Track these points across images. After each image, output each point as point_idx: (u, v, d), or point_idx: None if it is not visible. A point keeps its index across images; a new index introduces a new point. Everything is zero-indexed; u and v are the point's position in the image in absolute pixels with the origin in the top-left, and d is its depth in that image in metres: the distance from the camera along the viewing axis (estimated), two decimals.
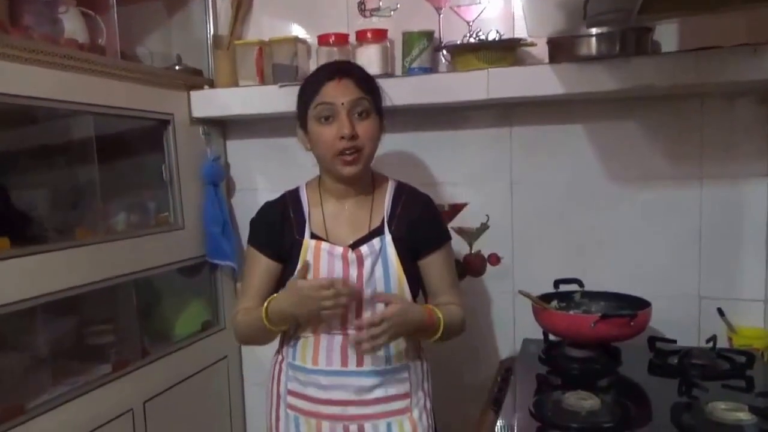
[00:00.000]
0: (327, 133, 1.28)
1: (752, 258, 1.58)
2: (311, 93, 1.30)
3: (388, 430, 1.34)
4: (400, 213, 1.37)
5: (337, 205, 1.38)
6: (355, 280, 1.30)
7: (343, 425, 1.33)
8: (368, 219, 1.36)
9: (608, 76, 1.45)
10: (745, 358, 1.36)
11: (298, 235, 1.34)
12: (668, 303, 1.56)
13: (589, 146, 1.68)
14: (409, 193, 1.41)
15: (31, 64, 1.32)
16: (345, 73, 1.31)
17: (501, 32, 1.65)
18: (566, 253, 1.71)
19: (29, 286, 1.30)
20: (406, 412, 1.35)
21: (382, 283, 1.31)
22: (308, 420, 1.35)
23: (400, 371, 1.35)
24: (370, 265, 1.31)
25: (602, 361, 1.44)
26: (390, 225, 1.35)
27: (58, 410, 1.35)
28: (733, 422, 1.06)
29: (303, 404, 1.36)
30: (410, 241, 1.35)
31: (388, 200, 1.38)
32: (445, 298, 1.38)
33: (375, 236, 1.33)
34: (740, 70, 1.37)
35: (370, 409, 1.33)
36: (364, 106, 1.29)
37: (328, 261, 1.31)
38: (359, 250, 1.31)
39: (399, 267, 1.32)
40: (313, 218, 1.37)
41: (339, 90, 1.28)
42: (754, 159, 1.56)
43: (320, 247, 1.32)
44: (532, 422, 1.14)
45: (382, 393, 1.33)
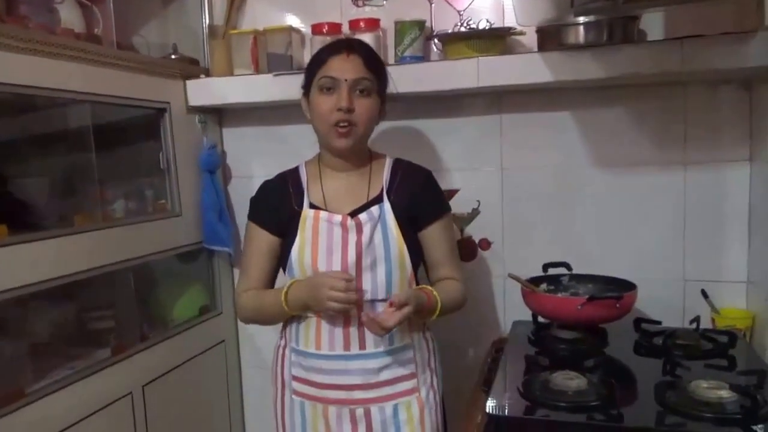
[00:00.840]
0: (325, 103, 1.28)
1: (735, 241, 1.60)
2: (318, 63, 1.31)
3: (395, 412, 1.32)
4: (399, 184, 1.37)
5: (335, 178, 1.37)
6: (355, 247, 1.29)
7: (350, 409, 1.31)
8: (367, 189, 1.36)
9: (595, 64, 1.46)
10: (727, 338, 1.38)
11: (297, 206, 1.34)
12: (653, 285, 1.57)
13: (577, 133, 1.69)
14: (408, 166, 1.41)
15: (27, 53, 1.31)
16: (354, 49, 1.31)
17: (491, 21, 1.66)
18: (555, 238, 1.72)
19: (28, 272, 1.29)
20: (414, 393, 1.34)
21: (381, 248, 1.30)
22: (314, 405, 1.34)
23: (405, 351, 1.33)
24: (369, 231, 1.30)
25: (589, 342, 1.45)
26: (389, 194, 1.35)
27: (57, 394, 1.34)
28: (715, 400, 1.07)
29: (308, 390, 1.34)
30: (410, 211, 1.34)
31: (387, 172, 1.38)
32: (444, 271, 1.38)
33: (374, 204, 1.33)
34: (723, 58, 1.38)
35: (377, 392, 1.31)
36: (366, 85, 1.29)
37: (327, 229, 1.30)
38: (358, 218, 1.31)
39: (399, 234, 1.31)
40: (312, 190, 1.37)
41: (346, 65, 1.28)
42: (736, 144, 1.58)
43: (319, 217, 1.32)
44: (521, 401, 1.15)
45: (389, 375, 1.32)
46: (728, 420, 1.03)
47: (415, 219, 1.35)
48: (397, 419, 1.32)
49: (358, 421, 1.32)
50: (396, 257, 1.30)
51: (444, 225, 1.39)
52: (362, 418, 1.31)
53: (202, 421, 1.87)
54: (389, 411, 1.32)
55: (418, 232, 1.37)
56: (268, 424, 2.01)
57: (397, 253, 1.30)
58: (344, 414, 1.32)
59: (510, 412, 1.12)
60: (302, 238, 1.32)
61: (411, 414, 1.32)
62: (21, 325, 1.44)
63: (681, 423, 1.04)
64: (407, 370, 1.33)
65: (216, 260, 1.94)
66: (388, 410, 1.32)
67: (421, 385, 1.35)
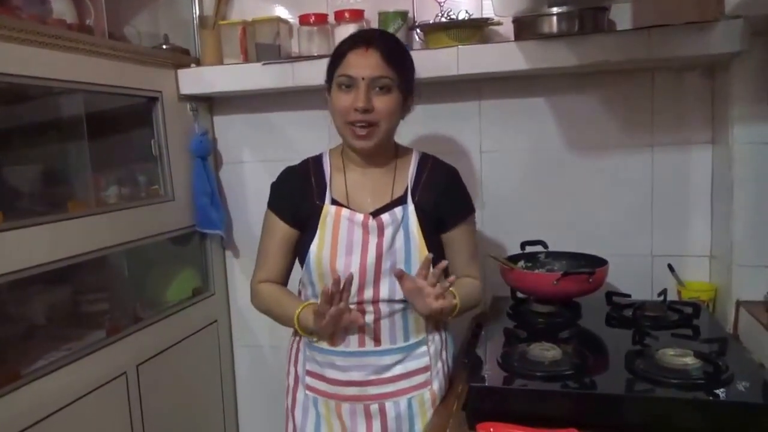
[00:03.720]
0: (343, 100, 1.20)
1: (699, 218, 1.63)
2: (337, 59, 1.22)
3: (409, 406, 1.26)
4: (425, 182, 1.28)
5: (359, 173, 1.28)
6: (375, 249, 1.21)
7: (364, 405, 1.25)
8: (391, 187, 1.27)
9: (568, 53, 1.46)
10: (692, 309, 1.39)
11: (318, 200, 1.26)
12: (624, 261, 1.59)
13: (551, 118, 1.70)
14: (435, 162, 1.32)
15: (20, 43, 1.28)
16: (372, 43, 1.20)
17: (470, 12, 1.66)
18: (532, 217, 1.73)
19: (22, 257, 1.26)
20: (427, 386, 1.27)
21: (402, 253, 1.22)
22: (327, 402, 1.28)
23: (419, 345, 1.27)
24: (391, 235, 1.22)
25: (564, 315, 1.46)
26: (414, 194, 1.26)
27: (53, 375, 1.32)
28: (680, 366, 1.09)
29: (322, 386, 1.28)
30: (435, 213, 1.26)
31: (413, 169, 1.29)
32: (465, 271, 1.31)
33: (397, 205, 1.25)
34: (688, 46, 1.40)
35: (391, 387, 1.25)
36: (384, 83, 1.19)
37: (348, 228, 1.23)
38: (380, 218, 1.23)
39: (421, 238, 1.23)
40: (335, 184, 1.28)
41: (363, 61, 1.18)
42: (699, 128, 1.60)
43: (340, 214, 1.23)
44: (500, 372, 1.15)
45: (402, 369, 1.25)
46: (693, 385, 1.04)
47: (439, 220, 1.28)
48: (411, 412, 1.27)
49: (373, 417, 1.26)
50: (417, 263, 1.21)
51: (469, 226, 1.33)
52: (377, 414, 1.26)
53: (195, 399, 1.86)
54: (403, 405, 1.26)
55: (442, 234, 1.29)
56: (260, 402, 2.02)
57: (418, 258, 1.22)
58: (359, 410, 1.25)
59: (489, 382, 1.12)
60: (322, 236, 1.23)
61: (424, 407, 1.27)
62: (16, 308, 1.43)
63: (649, 389, 1.05)
64: (420, 363, 1.27)
65: (208, 243, 1.93)
66: (402, 404, 1.26)
67: (434, 378, 1.29)
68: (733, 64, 1.42)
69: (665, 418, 1.00)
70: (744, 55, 1.38)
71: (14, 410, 1.22)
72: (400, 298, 1.22)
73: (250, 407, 2.06)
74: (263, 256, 1.32)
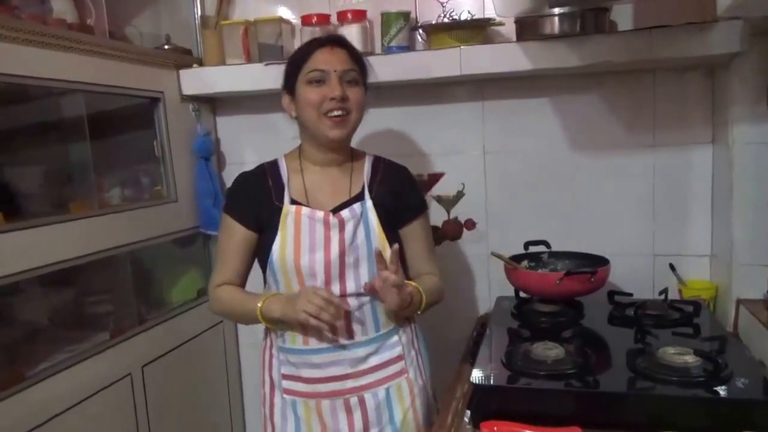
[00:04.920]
0: (316, 93, 1.24)
1: (700, 218, 1.65)
2: (303, 58, 1.27)
3: (387, 396, 1.31)
4: (380, 180, 1.34)
5: (317, 172, 1.33)
6: (338, 245, 1.25)
7: (344, 399, 1.29)
8: (348, 186, 1.32)
9: (570, 53, 1.48)
10: (692, 307, 1.41)
11: (278, 201, 1.29)
12: (625, 260, 1.62)
13: (554, 118, 1.72)
14: (387, 164, 1.39)
15: (20, 43, 1.29)
16: (338, 43, 1.29)
17: (472, 12, 1.67)
18: (535, 217, 1.76)
19: (25, 259, 1.27)
20: (403, 374, 1.33)
21: (364, 248, 1.26)
22: (306, 402, 1.30)
23: (390, 335, 1.32)
24: (352, 229, 1.27)
25: (567, 315, 1.48)
26: (371, 190, 1.32)
27: (57, 377, 1.34)
28: (681, 364, 1.11)
29: (299, 386, 1.31)
30: (391, 209, 1.31)
31: (368, 169, 1.35)
32: (424, 267, 1.37)
33: (356, 201, 1.30)
34: (688, 46, 1.42)
35: (368, 378, 1.29)
36: (353, 76, 1.27)
37: (309, 226, 1.26)
38: (340, 215, 1.27)
39: (381, 232, 1.28)
40: (293, 185, 1.31)
41: (332, 57, 1.25)
42: (700, 128, 1.62)
43: (300, 212, 1.27)
44: (504, 371, 1.17)
45: (377, 360, 1.30)
46: (693, 383, 1.06)
47: (395, 216, 1.33)
48: (389, 401, 1.31)
49: (353, 410, 1.30)
50: None
51: (423, 222, 1.39)
52: (357, 406, 1.30)
53: (201, 400, 1.87)
54: (382, 395, 1.30)
55: (399, 229, 1.34)
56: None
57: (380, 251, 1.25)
58: (338, 405, 1.29)
59: (493, 381, 1.14)
60: (284, 235, 1.26)
61: (402, 395, 1.32)
62: (20, 310, 1.43)
63: (650, 387, 1.07)
64: (394, 353, 1.32)
65: (212, 244, 1.93)
66: (380, 394, 1.30)
67: (409, 366, 1.34)
68: (733, 65, 1.44)
69: (666, 415, 1.01)
70: (743, 55, 1.41)
71: (19, 412, 1.24)
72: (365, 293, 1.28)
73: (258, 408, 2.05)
74: (221, 261, 1.34)
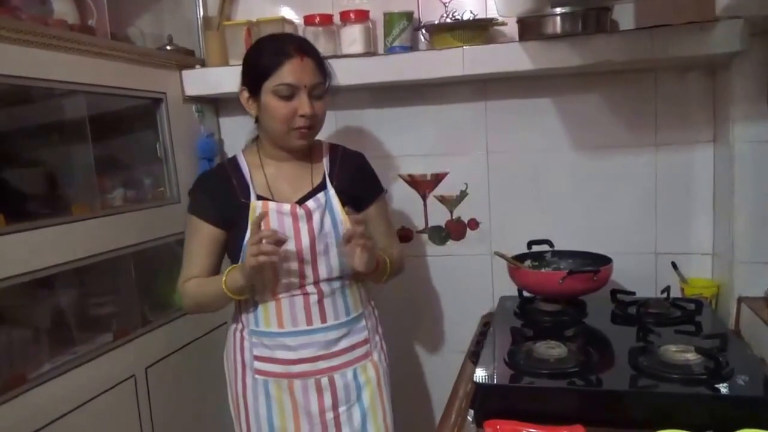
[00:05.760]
0: (286, 109, 1.28)
1: (701, 216, 1.67)
2: (272, 66, 1.28)
3: (355, 376, 1.40)
4: (339, 168, 1.41)
5: (278, 167, 1.38)
6: (307, 234, 1.31)
7: (315, 379, 1.37)
8: (310, 177, 1.39)
9: (572, 53, 1.50)
10: (694, 305, 1.44)
11: (244, 198, 1.34)
12: (628, 259, 1.64)
13: (556, 118, 1.74)
14: (344, 152, 1.45)
15: (20, 44, 1.29)
16: (307, 52, 1.30)
17: (474, 13, 1.70)
18: (538, 217, 1.78)
19: (26, 261, 1.27)
20: (368, 357, 1.42)
21: (332, 235, 1.33)
22: (278, 381, 1.37)
23: (359, 320, 1.41)
24: (319, 218, 1.33)
25: (570, 313, 1.50)
26: (332, 179, 1.38)
27: (60, 378, 1.34)
28: (682, 362, 1.13)
29: (272, 367, 1.37)
30: (352, 194, 1.39)
31: (326, 159, 1.42)
32: (386, 244, 1.46)
33: (319, 191, 1.36)
34: (689, 45, 1.44)
35: (338, 360, 1.38)
36: (321, 90, 1.32)
37: (278, 219, 1.31)
38: (306, 205, 1.33)
39: (346, 218, 1.34)
40: (256, 181, 1.36)
41: (303, 70, 1.28)
42: (702, 127, 1.64)
43: (268, 207, 1.32)
44: (506, 370, 1.19)
45: (347, 343, 1.39)
46: (694, 380, 1.08)
47: (356, 199, 1.40)
48: (357, 382, 1.40)
49: (324, 390, 1.37)
50: None
51: (382, 204, 1.49)
52: (327, 386, 1.37)
53: (205, 401, 1.86)
54: (350, 375, 1.39)
55: (361, 212, 1.40)
56: None
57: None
58: (310, 385, 1.37)
59: (496, 380, 1.16)
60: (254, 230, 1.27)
61: (368, 376, 1.42)
62: (22, 311, 1.42)
63: (652, 384, 1.09)
64: (361, 337, 1.41)
65: None
66: (348, 375, 1.39)
67: (373, 349, 1.44)
68: (734, 64, 1.46)
69: (668, 412, 1.02)
70: (744, 54, 1.43)
71: (21, 414, 1.24)
72: (337, 276, 1.36)
73: None
74: (187, 260, 1.39)
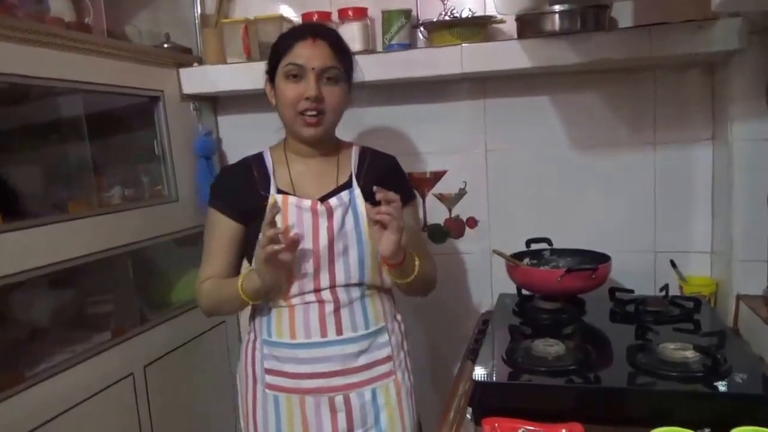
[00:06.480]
0: (292, 90, 1.23)
1: (700, 215, 1.68)
2: (284, 49, 1.25)
3: (373, 397, 1.29)
4: (368, 170, 1.34)
5: (303, 163, 1.32)
6: (326, 232, 1.24)
7: (328, 397, 1.27)
8: (335, 175, 1.32)
9: (570, 51, 1.51)
10: (693, 303, 1.45)
11: (264, 192, 1.28)
12: (627, 257, 1.65)
13: (555, 116, 1.75)
14: (375, 153, 1.39)
15: (16, 42, 1.29)
16: (320, 34, 1.25)
17: (473, 10, 1.70)
18: (536, 215, 1.79)
19: (24, 259, 1.28)
20: (390, 376, 1.31)
21: (354, 235, 1.26)
22: (289, 397, 1.28)
23: (380, 334, 1.31)
24: (340, 217, 1.26)
25: (568, 311, 1.50)
26: (359, 179, 1.31)
27: (57, 377, 1.34)
28: (680, 360, 1.14)
29: (283, 381, 1.28)
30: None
31: (354, 159, 1.35)
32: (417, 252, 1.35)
33: (343, 189, 1.29)
34: (688, 44, 1.45)
35: (355, 377, 1.27)
36: (333, 73, 1.24)
37: (297, 214, 1.25)
38: (328, 203, 1.26)
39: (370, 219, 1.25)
40: (279, 175, 1.31)
41: (313, 52, 1.22)
42: (700, 125, 1.65)
43: (287, 201, 1.26)
44: (505, 368, 1.19)
45: (367, 359, 1.28)
46: (692, 378, 1.09)
47: None
48: (375, 403, 1.30)
49: (338, 409, 1.28)
50: (367, 242, 1.26)
51: (412, 211, 1.39)
52: (342, 406, 1.28)
53: (204, 400, 1.88)
54: (368, 395, 1.29)
55: None
56: None
57: (369, 238, 1.26)
58: (323, 403, 1.27)
59: (495, 378, 1.16)
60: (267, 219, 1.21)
61: (389, 397, 1.31)
62: (20, 310, 1.43)
63: (651, 382, 1.10)
64: (383, 353, 1.31)
65: None
66: (367, 395, 1.29)
67: (397, 368, 1.33)
68: (732, 62, 1.48)
69: (666, 410, 1.03)
70: (743, 52, 1.44)
71: (19, 412, 1.25)
72: (356, 281, 1.27)
73: None
74: (207, 256, 1.33)
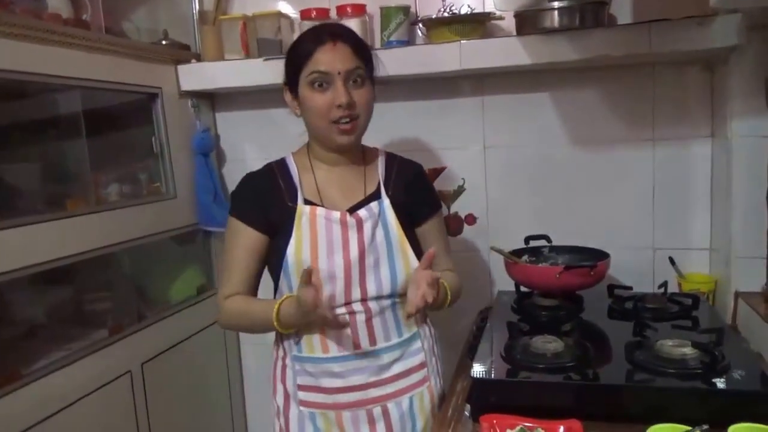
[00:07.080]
0: (322, 100, 1.18)
1: (699, 212, 1.69)
2: (304, 57, 1.19)
3: (411, 405, 1.27)
4: (396, 179, 1.30)
5: (329, 171, 1.28)
6: (357, 245, 1.21)
7: (366, 410, 1.24)
8: (363, 185, 1.28)
9: (569, 47, 1.52)
10: (691, 300, 1.46)
11: (291, 202, 1.24)
12: (625, 253, 1.66)
13: (554, 112, 1.76)
14: (401, 161, 1.36)
15: (14, 38, 1.29)
16: (340, 37, 1.20)
17: (472, 7, 1.70)
18: (535, 212, 1.80)
19: (20, 257, 1.28)
20: (425, 382, 1.30)
21: (384, 247, 1.23)
22: (326, 414, 1.25)
23: (413, 341, 1.29)
24: (371, 229, 1.23)
25: (567, 308, 1.51)
26: (387, 189, 1.28)
27: (54, 375, 1.34)
28: (678, 356, 1.15)
29: (318, 397, 1.25)
30: (407, 207, 1.28)
31: (382, 167, 1.31)
32: (442, 264, 1.34)
33: (372, 200, 1.26)
34: (687, 40, 1.45)
35: (391, 387, 1.25)
36: (359, 74, 1.20)
37: (326, 227, 1.22)
38: (357, 214, 1.23)
39: (400, 231, 1.25)
40: (305, 184, 1.26)
41: (335, 57, 1.18)
42: (699, 122, 1.66)
43: (316, 213, 1.22)
44: (503, 365, 1.20)
45: (401, 368, 1.26)
46: (690, 374, 1.10)
47: (412, 215, 1.30)
48: (412, 412, 1.28)
49: (377, 421, 1.25)
50: (399, 254, 1.24)
51: (439, 220, 1.38)
52: (380, 417, 1.25)
53: (202, 397, 1.89)
54: (406, 404, 1.27)
55: (416, 228, 1.32)
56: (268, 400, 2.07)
57: (400, 250, 1.24)
58: (361, 416, 1.25)
59: (493, 375, 1.17)
60: (299, 237, 1.21)
61: (423, 404, 1.30)
62: (17, 307, 1.44)
63: (649, 379, 1.11)
64: (417, 360, 1.29)
65: (212, 240, 1.97)
66: (404, 404, 1.27)
67: (431, 374, 1.32)
68: (731, 59, 1.48)
69: (664, 407, 1.04)
70: (742, 49, 1.45)
71: (16, 410, 1.25)
72: (387, 293, 1.24)
73: (259, 405, 2.10)
74: (229, 269, 1.27)
